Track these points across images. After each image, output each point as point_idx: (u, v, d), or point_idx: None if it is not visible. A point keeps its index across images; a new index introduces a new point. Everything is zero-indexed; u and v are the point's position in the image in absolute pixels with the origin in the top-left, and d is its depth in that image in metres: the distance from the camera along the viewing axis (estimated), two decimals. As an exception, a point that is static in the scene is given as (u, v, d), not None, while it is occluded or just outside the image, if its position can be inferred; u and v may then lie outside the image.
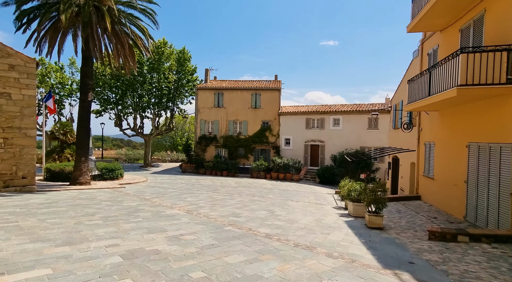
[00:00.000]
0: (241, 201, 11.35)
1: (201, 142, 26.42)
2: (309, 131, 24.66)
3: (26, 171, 11.55)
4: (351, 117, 23.25)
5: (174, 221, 7.00)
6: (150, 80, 27.26)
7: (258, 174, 23.51)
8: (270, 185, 19.28)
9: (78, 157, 14.12)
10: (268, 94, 26.03)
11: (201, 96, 26.61)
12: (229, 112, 26.25)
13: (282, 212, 9.25)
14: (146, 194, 12.15)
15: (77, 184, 13.81)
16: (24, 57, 11.49)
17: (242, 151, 26.03)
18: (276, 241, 5.67)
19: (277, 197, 13.31)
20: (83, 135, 14.25)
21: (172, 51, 26.79)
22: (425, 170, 11.19)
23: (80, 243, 4.98)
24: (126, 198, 10.59)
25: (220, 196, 12.60)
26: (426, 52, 11.43)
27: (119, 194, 11.79)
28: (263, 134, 25.80)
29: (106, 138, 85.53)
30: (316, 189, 19.03)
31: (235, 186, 17.55)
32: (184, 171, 25.52)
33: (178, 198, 11.19)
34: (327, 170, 22.03)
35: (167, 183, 17.42)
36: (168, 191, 13.55)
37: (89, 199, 10.06)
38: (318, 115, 24.33)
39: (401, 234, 6.91)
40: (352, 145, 22.83)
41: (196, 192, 13.68)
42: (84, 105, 14.25)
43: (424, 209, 10.09)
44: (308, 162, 24.79)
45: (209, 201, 10.88)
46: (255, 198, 12.58)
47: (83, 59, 14.17)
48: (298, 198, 13.54)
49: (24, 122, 11.47)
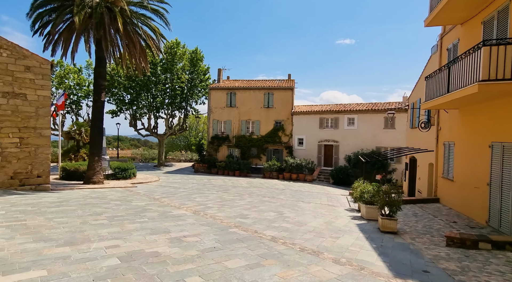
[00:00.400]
0: (250, 201, 11.16)
1: (214, 142, 26.44)
2: (322, 131, 24.17)
3: (41, 170, 11.82)
4: (366, 116, 22.59)
5: (179, 222, 6.89)
6: (163, 81, 27.55)
7: (270, 174, 23.25)
8: (282, 185, 18.99)
9: (92, 157, 14.35)
10: (281, 93, 25.72)
11: (214, 96, 26.63)
12: (242, 112, 26.13)
13: (291, 213, 8.98)
14: (156, 193, 12.16)
15: (91, 183, 14.04)
16: (39, 59, 11.76)
17: (254, 150, 25.85)
18: (282, 245, 5.43)
19: (288, 198, 13.03)
20: (96, 135, 14.47)
21: (184, 51, 26.96)
22: (444, 171, 10.61)
23: (81, 243, 4.92)
24: (136, 198, 10.62)
25: (230, 196, 12.45)
26: (445, 47, 10.85)
27: (130, 193, 11.86)
28: (276, 134, 25.52)
29: (123, 139, 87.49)
30: (330, 190, 18.58)
31: (247, 186, 17.38)
32: (197, 170, 25.61)
33: (187, 198, 11.12)
34: (341, 171, 21.50)
35: (179, 182, 17.47)
36: (178, 190, 13.54)
37: (100, 198, 10.14)
38: (332, 115, 23.80)
39: (416, 239, 6.51)
40: (368, 145, 22.17)
41: (206, 192, 13.60)
42: (97, 105, 14.47)
43: (442, 213, 9.55)
44: (322, 162, 24.30)
45: (218, 201, 10.75)
46: (265, 198, 12.36)
47: (96, 60, 14.40)
48: (310, 199, 13.21)
49: (39, 122, 11.75)
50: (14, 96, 11.23)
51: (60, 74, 24.92)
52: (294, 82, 27.10)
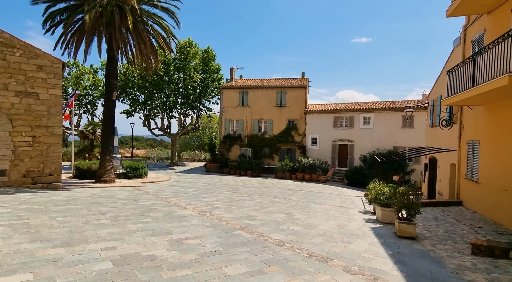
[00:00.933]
0: (260, 202, 10.80)
1: (226, 141, 26.25)
2: (337, 130, 23.49)
3: (52, 168, 11.91)
4: (383, 115, 21.76)
5: (183, 223, 6.62)
6: (176, 80, 27.63)
7: (283, 174, 22.81)
8: (294, 186, 18.53)
9: (103, 156, 14.40)
10: (294, 92, 25.22)
11: (226, 95, 26.45)
12: (254, 111, 25.81)
13: (301, 215, 8.56)
14: (165, 193, 12.01)
15: (102, 181, 14.09)
16: (51, 58, 11.86)
17: (267, 150, 25.47)
18: (288, 250, 5.04)
19: (300, 199, 12.58)
20: (108, 134, 14.51)
21: (197, 51, 26.93)
22: (468, 172, 9.88)
23: (78, 244, 4.72)
24: (144, 197, 10.48)
25: (239, 196, 12.14)
26: (469, 39, 10.10)
27: (139, 192, 11.77)
28: (289, 134, 25.04)
29: (140, 139, 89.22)
30: (344, 191, 17.95)
31: (258, 186, 17.04)
32: (209, 170, 25.49)
33: (195, 198, 10.89)
34: (357, 171, 20.79)
35: (189, 182, 17.34)
36: (188, 190, 13.36)
37: (108, 197, 10.06)
38: (347, 114, 23.08)
39: (437, 246, 5.96)
40: (384, 144, 21.34)
41: (216, 192, 13.35)
42: (109, 104, 14.52)
43: (466, 217, 8.86)
44: (336, 162, 23.62)
45: (227, 201, 10.46)
46: (276, 199, 11.97)
47: (108, 59, 14.46)
48: (323, 201, 12.71)
49: (51, 121, 11.84)
50: (27, 95, 11.36)
51: (76, 75, 25.44)
52: (308, 80, 26.54)
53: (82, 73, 25.60)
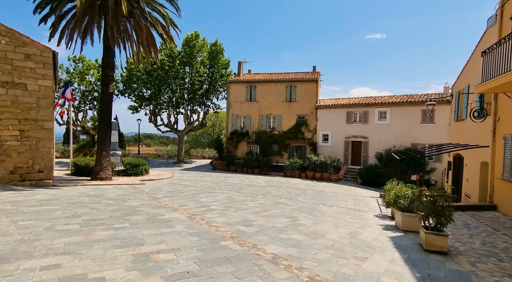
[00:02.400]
0: (262, 203, 9.69)
1: (233, 138, 25.23)
2: (350, 126, 22.05)
3: (42, 164, 11.18)
4: (400, 109, 20.17)
5: (164, 229, 5.60)
6: (182, 75, 26.78)
7: (292, 172, 21.61)
8: (304, 185, 17.31)
9: (99, 152, 13.63)
10: (304, 86, 23.89)
11: (233, 90, 25.39)
12: (262, 107, 24.66)
13: (307, 220, 7.40)
14: (161, 192, 11.08)
15: (97, 179, 13.32)
16: (40, 46, 11.09)
17: (275, 147, 24.29)
18: (284, 270, 3.92)
19: (308, 200, 11.39)
20: (105, 129, 13.72)
21: (203, 44, 25.96)
22: (505, 171, 8.45)
23: (16, 260, 3.75)
24: (135, 196, 9.56)
25: (241, 196, 11.07)
26: (508, 16, 8.62)
27: (133, 191, 10.88)
28: (299, 130, 23.77)
29: (154, 136, 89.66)
30: (357, 191, 16.61)
31: (264, 185, 15.93)
32: (215, 168, 24.56)
33: (191, 198, 9.89)
34: (371, 170, 19.35)
35: (192, 180, 16.41)
36: (187, 189, 12.39)
37: (96, 196, 9.19)
38: (361, 108, 21.60)
39: (477, 265, 4.69)
40: (402, 141, 19.78)
41: (217, 191, 12.33)
42: (105, 97, 13.71)
43: (505, 224, 7.47)
44: (349, 160, 22.21)
45: (225, 202, 9.40)
46: (281, 200, 10.83)
47: (103, 49, 13.62)
48: (333, 202, 11.48)
49: (40, 114, 11.09)
50: (14, 86, 10.63)
51: (80, 70, 24.97)
52: (319, 74, 25.15)
53: (87, 68, 25.12)
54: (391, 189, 9.87)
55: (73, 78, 25.88)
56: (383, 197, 9.46)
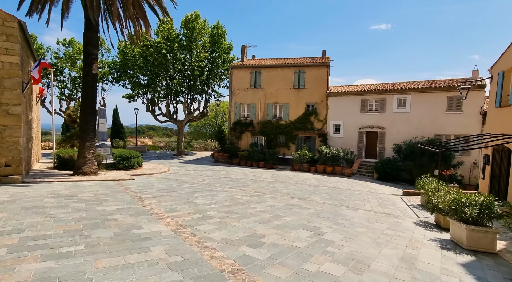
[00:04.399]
0: (271, 206, 7.85)
1: (236, 128, 23.30)
2: (365, 115, 20.02)
3: (9, 157, 9.39)
4: (422, 96, 18.07)
5: (133, 257, 3.78)
6: (181, 60, 24.75)
7: (300, 166, 19.74)
8: (315, 180, 15.47)
9: (82, 142, 11.84)
10: (314, 71, 21.79)
11: (236, 76, 23.33)
12: (268, 94, 22.64)
13: (335, 233, 5.55)
14: (150, 190, 9.29)
15: (80, 174, 11.55)
16: (2, 14, 9.18)
17: (282, 138, 22.37)
18: None
19: (325, 200, 9.54)
20: (88, 116, 11.89)
21: (204, 25, 23.81)
22: None
23: None
24: (115, 197, 7.76)
25: (245, 196, 9.25)
26: None
27: (116, 189, 9.09)
28: (308, 120, 21.79)
29: (157, 128, 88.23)
30: (376, 187, 14.74)
31: (271, 180, 14.11)
32: (217, 160, 22.75)
33: (185, 199, 8.08)
34: (389, 164, 17.41)
35: (190, 175, 14.61)
36: (181, 186, 10.58)
37: (66, 197, 7.41)
38: (378, 95, 19.52)
39: None
40: (424, 131, 17.76)
41: (218, 189, 10.52)
42: (88, 79, 11.82)
43: None
44: (363, 152, 20.26)
45: (226, 205, 7.58)
46: (293, 201, 8.99)
47: (85, 23, 11.67)
48: (355, 202, 9.61)
49: (4, 96, 9.25)
50: (-31, 63, 8.78)
51: (71, 54, 23.01)
52: (330, 59, 22.98)
53: (78, 52, 23.20)
54: (433, 190, 8.00)
55: (63, 63, 23.94)
56: (427, 200, 7.57)
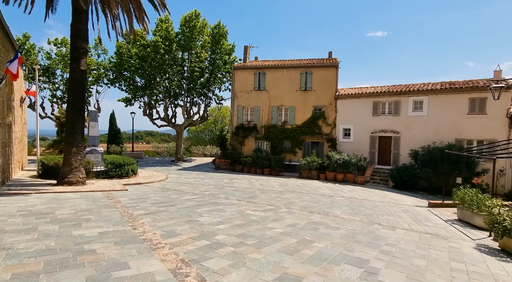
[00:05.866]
0: (292, 225, 6.41)
1: (238, 133, 21.90)
2: (377, 119, 18.72)
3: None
4: (441, 98, 16.80)
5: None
6: (180, 62, 23.46)
7: (309, 173, 18.33)
8: (327, 189, 14.04)
9: (68, 147, 10.40)
10: (321, 72, 20.54)
11: (239, 77, 22.02)
12: (273, 97, 21.31)
13: (392, 270, 4.11)
14: (145, 204, 7.82)
15: (65, 183, 10.09)
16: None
17: (288, 144, 20.98)
18: None
19: (351, 215, 8.11)
20: (75, 117, 10.47)
21: (204, 24, 22.58)
22: None
23: None
24: (101, 215, 6.30)
25: (257, 211, 7.80)
26: None
27: (104, 203, 7.62)
28: (315, 124, 20.45)
29: (155, 133, 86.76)
30: (395, 197, 13.33)
31: (280, 190, 12.67)
32: (218, 167, 21.28)
33: (186, 216, 6.63)
34: (406, 171, 16.04)
35: (190, 184, 13.15)
36: (181, 198, 9.12)
37: (39, 215, 5.96)
38: (391, 97, 18.24)
39: None
40: (443, 136, 16.45)
41: (223, 201, 9.07)
42: (75, 76, 10.44)
43: None
44: (375, 159, 18.90)
45: (238, 224, 6.14)
46: (315, 217, 7.56)
47: (73, 13, 10.34)
48: (386, 218, 8.18)
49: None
50: None
51: (63, 54, 21.68)
52: (337, 60, 21.75)
53: (71, 52, 21.84)
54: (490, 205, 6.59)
55: (55, 64, 22.58)
56: (489, 220, 6.14)
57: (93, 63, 24.04)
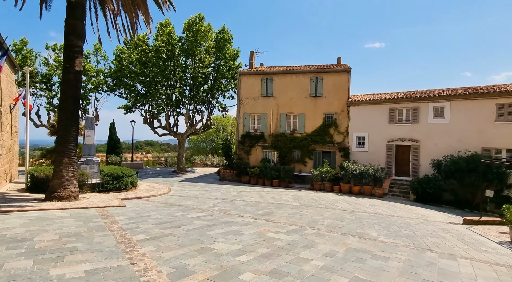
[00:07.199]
0: (331, 255, 5.12)
1: (244, 142, 20.68)
2: (394, 126, 17.54)
3: None
4: (464, 104, 15.65)
5: None
6: (183, 68, 22.47)
7: (321, 184, 17.05)
8: (345, 203, 12.74)
9: (59, 157, 9.17)
10: (332, 78, 19.50)
11: (245, 83, 20.96)
12: (281, 103, 20.21)
13: None
14: (145, 225, 6.54)
15: (54, 198, 8.82)
16: None
17: (297, 153, 19.75)
18: None
19: (390, 238, 6.80)
20: (67, 124, 9.28)
21: (209, 28, 21.69)
22: None
23: None
24: (90, 243, 5.02)
25: (280, 233, 6.50)
26: None
27: (95, 225, 6.34)
28: (326, 132, 19.27)
29: (155, 143, 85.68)
30: (422, 212, 12.03)
31: (296, 204, 11.36)
32: (223, 178, 19.97)
33: (197, 242, 5.34)
34: (429, 182, 14.74)
35: (195, 197, 11.86)
36: (188, 217, 7.83)
37: (11, 244, 4.71)
38: (409, 104, 17.11)
39: None
40: (468, 145, 15.22)
41: (236, 219, 7.79)
42: (69, 77, 9.30)
43: None
44: (393, 169, 17.62)
45: (263, 254, 4.86)
46: (350, 240, 6.26)
47: (67, 7, 9.29)
48: (432, 242, 6.87)
49: None
50: None
51: (61, 60, 20.72)
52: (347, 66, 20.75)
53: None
54: None
55: (53, 70, 21.56)
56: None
57: (92, 70, 23.05)
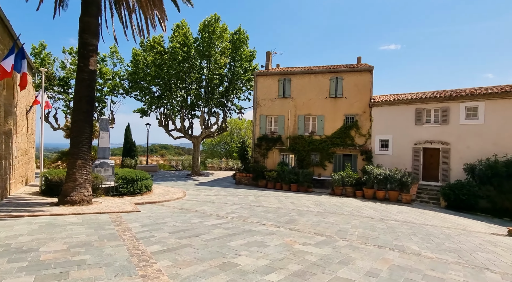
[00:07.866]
0: (374, 274, 4.38)
1: (261, 145, 20.05)
2: (421, 128, 16.48)
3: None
4: (501, 103, 14.48)
5: None
6: (198, 69, 22.15)
7: (342, 189, 16.16)
8: (371, 209, 11.84)
9: (72, 160, 8.81)
10: (354, 78, 18.65)
11: (262, 84, 20.39)
12: (299, 105, 19.50)
13: None
14: (160, 234, 5.98)
15: (67, 203, 8.43)
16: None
17: (316, 156, 18.95)
18: None
19: (436, 253, 5.96)
20: (81, 125, 8.93)
21: (225, 29, 21.30)
22: None
23: None
24: (101, 254, 4.49)
25: (309, 246, 5.80)
26: None
27: (107, 233, 5.84)
28: (347, 134, 18.40)
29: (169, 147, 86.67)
30: (458, 221, 10.98)
31: (318, 211, 10.59)
32: (239, 182, 19.38)
33: (218, 257, 4.72)
34: (463, 188, 13.61)
35: (212, 202, 11.29)
36: (206, 224, 7.24)
37: (14, 255, 4.24)
38: (438, 104, 16.03)
39: None
40: (506, 147, 14.02)
41: (258, 227, 7.13)
42: (83, 76, 8.97)
43: None
44: (420, 173, 16.53)
45: (295, 272, 4.20)
46: (389, 255, 5.49)
47: (82, 4, 8.99)
48: (485, 258, 5.99)
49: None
50: None
51: (78, 62, 20.83)
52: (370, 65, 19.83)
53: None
54: None
55: (70, 74, 21.72)
56: None
57: (108, 73, 23.10)
